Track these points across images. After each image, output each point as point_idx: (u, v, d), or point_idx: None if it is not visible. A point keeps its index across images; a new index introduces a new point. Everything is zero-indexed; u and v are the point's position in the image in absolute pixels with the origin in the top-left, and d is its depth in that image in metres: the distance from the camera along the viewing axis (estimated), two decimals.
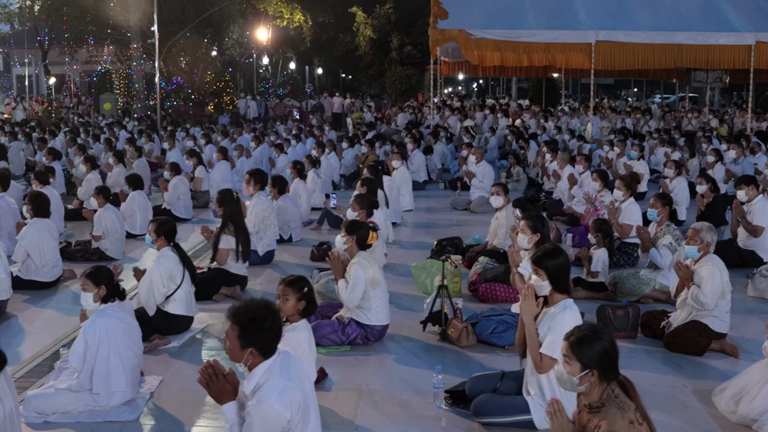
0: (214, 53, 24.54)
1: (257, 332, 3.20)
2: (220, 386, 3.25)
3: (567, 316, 4.26)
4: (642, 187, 11.36)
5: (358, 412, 4.56)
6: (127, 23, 21.11)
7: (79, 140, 14.46)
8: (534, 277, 4.36)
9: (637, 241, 7.79)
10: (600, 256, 6.86)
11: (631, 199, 7.91)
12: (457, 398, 4.67)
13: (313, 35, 28.25)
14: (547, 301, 4.37)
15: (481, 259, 7.09)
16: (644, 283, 6.76)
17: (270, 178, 8.70)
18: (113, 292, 4.62)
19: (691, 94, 33.74)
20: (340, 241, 5.70)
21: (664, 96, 34.01)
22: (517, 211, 6.75)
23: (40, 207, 7.09)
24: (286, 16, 24.01)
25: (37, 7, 22.08)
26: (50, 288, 7.09)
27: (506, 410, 4.38)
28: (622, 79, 27.91)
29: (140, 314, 5.62)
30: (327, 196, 11.24)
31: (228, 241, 6.72)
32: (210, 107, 24.36)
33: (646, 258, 7.31)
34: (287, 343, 3.74)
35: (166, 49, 20.18)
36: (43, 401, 4.47)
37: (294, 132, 16.66)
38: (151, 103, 22.53)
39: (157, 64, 18.21)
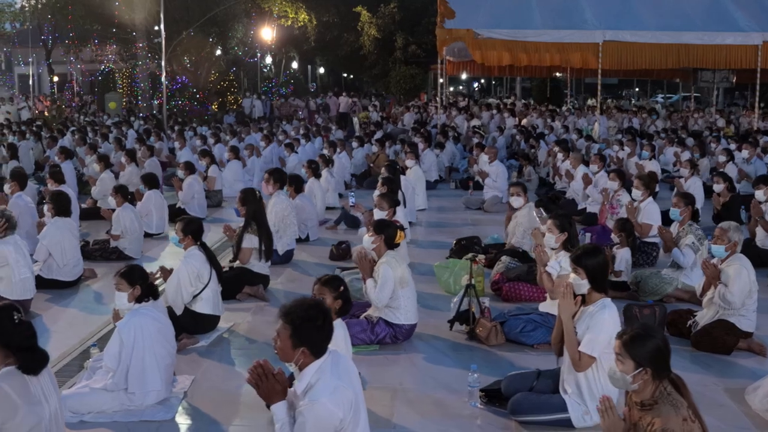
0: (218, 52, 24.50)
1: (310, 331, 3.20)
2: (270, 386, 3.25)
3: (606, 315, 4.27)
4: (654, 187, 11.37)
5: (394, 411, 4.56)
6: (133, 22, 21.06)
7: (88, 139, 14.42)
8: (573, 275, 4.36)
9: (655, 240, 7.82)
10: (623, 256, 6.87)
11: (650, 198, 7.93)
12: (492, 397, 4.68)
13: (318, 34, 28.24)
14: (584, 300, 4.38)
15: (503, 258, 7.09)
16: (667, 283, 6.76)
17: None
18: (147, 292, 4.61)
19: (693, 94, 33.89)
20: (368, 240, 5.69)
21: (666, 96, 34.07)
22: (541, 211, 6.74)
23: (61, 206, 7.08)
24: (290, 16, 24.01)
25: (40, 6, 22.03)
26: (71, 287, 7.06)
27: (543, 409, 4.39)
28: (626, 78, 27.94)
29: (167, 313, 5.64)
30: (339, 195, 11.28)
31: (251, 240, 6.71)
32: (214, 106, 24.33)
33: (667, 257, 7.34)
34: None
35: (171, 49, 20.13)
36: (78, 401, 4.45)
37: (302, 131, 16.66)
38: (155, 102, 22.49)
39: (163, 63, 18.19)
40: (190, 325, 5.67)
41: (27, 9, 20.98)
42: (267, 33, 25.03)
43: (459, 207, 11.38)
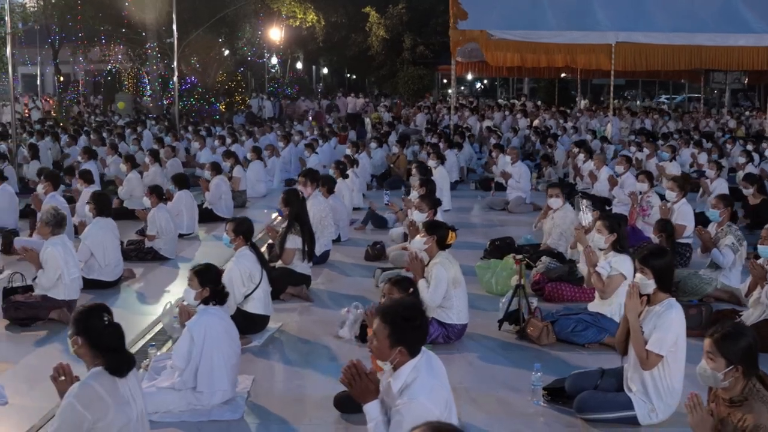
0: (226, 53, 24.49)
1: (408, 331, 3.23)
2: (363, 385, 3.28)
3: (674, 314, 4.32)
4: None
5: (460, 409, 4.56)
6: (143, 23, 21.03)
7: (106, 140, 14.41)
8: (639, 275, 4.41)
9: (689, 241, 7.88)
10: None
11: (684, 199, 7.98)
12: (554, 395, 4.72)
13: (325, 35, 28.26)
14: (649, 300, 4.42)
15: (543, 258, 7.13)
16: (706, 283, 6.81)
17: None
18: (215, 296, 4.61)
19: (701, 96, 34.04)
20: (419, 241, 5.72)
21: (671, 96, 34.21)
22: (589, 203, 6.76)
23: (102, 206, 7.08)
24: (299, 16, 24.02)
25: (51, 5, 21.93)
26: (112, 288, 7.06)
27: (610, 406, 4.43)
28: (634, 79, 28.08)
29: None
30: (363, 196, 11.30)
31: (294, 241, 6.73)
32: (222, 107, 24.32)
33: (703, 258, 7.40)
34: None
35: (181, 49, 20.10)
36: (146, 401, 4.46)
37: (317, 132, 16.68)
38: (164, 102, 22.48)
39: (175, 64, 18.17)
40: (242, 325, 5.63)
41: (35, 8, 20.90)
42: (275, 33, 25.04)
43: (481, 208, 11.42)
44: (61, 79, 29.56)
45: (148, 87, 27.77)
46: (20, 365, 5.28)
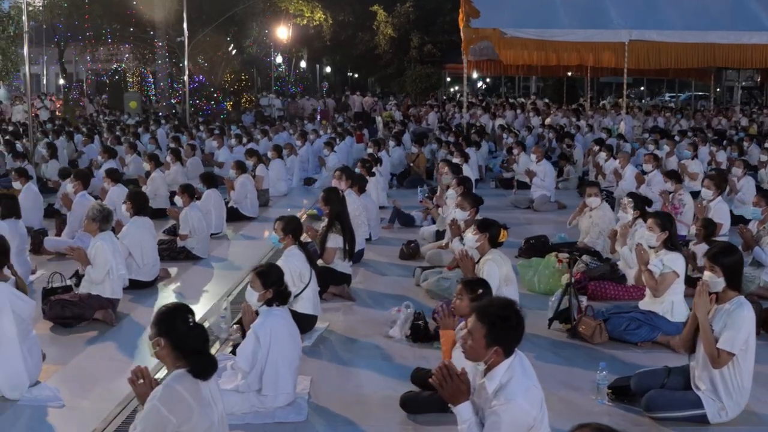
0: (233, 51, 24.40)
1: (505, 331, 3.20)
2: (455, 386, 3.24)
3: (745, 312, 4.29)
4: (696, 186, 11.41)
5: None
6: (152, 22, 20.92)
7: (123, 139, 14.33)
8: (708, 273, 4.38)
9: (725, 239, 7.85)
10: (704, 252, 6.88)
11: (720, 198, 7.95)
12: (619, 393, 4.69)
13: (332, 34, 28.18)
14: (718, 298, 4.39)
15: (584, 257, 7.09)
16: (749, 281, 6.77)
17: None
18: (278, 296, 4.55)
19: (702, 93, 34.05)
20: (471, 239, 5.68)
21: (675, 94, 34.26)
22: (627, 209, 6.72)
23: (140, 205, 7.01)
24: (306, 15, 23.94)
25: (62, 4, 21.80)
26: (149, 287, 6.99)
27: (679, 405, 4.40)
28: (639, 78, 28.09)
29: None
30: (391, 193, 11.24)
31: (335, 240, 6.66)
32: (229, 105, 24.23)
33: (746, 256, 7.37)
34: None
35: (190, 48, 20.02)
36: None
37: (330, 130, 16.61)
38: (173, 101, 22.40)
39: (186, 63, 18.07)
40: None
41: (40, 7, 20.78)
42: (282, 32, 24.94)
43: (506, 206, 11.36)
44: (62, 80, 29.48)
45: (153, 86, 27.71)
46: (70, 367, 5.20)
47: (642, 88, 39.43)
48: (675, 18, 17.38)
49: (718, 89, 26.56)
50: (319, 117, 22.48)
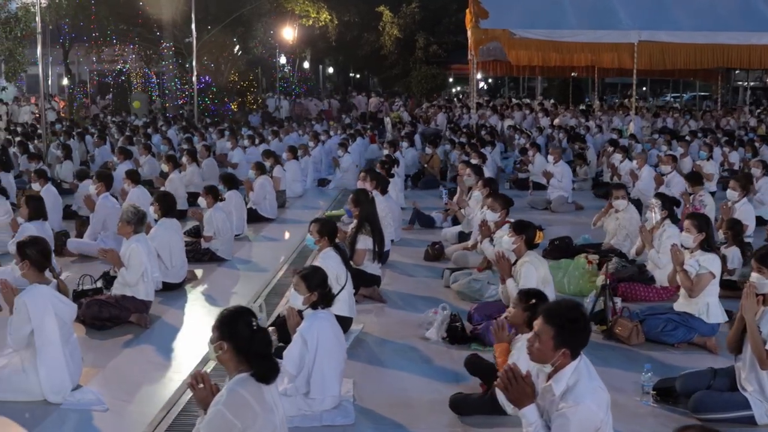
0: (238, 52, 24.37)
1: (574, 333, 3.20)
2: (520, 389, 3.23)
3: None
4: (712, 187, 11.44)
5: None
6: (159, 22, 20.88)
7: (135, 140, 14.29)
8: (755, 275, 4.39)
9: (750, 240, 7.86)
10: (735, 254, 6.90)
11: (745, 199, 7.97)
12: (663, 395, 4.69)
13: (338, 34, 28.17)
14: (765, 300, 4.39)
15: (614, 259, 7.09)
16: None
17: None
18: (323, 299, 4.53)
19: (705, 93, 34.10)
20: (508, 241, 5.67)
21: (677, 95, 34.33)
22: (656, 210, 6.72)
23: (168, 206, 6.98)
24: (312, 15, 23.92)
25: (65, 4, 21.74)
26: (177, 290, 6.95)
27: (726, 406, 4.40)
28: (642, 78, 28.14)
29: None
30: (406, 194, 11.22)
31: (365, 242, 6.64)
32: (234, 106, 24.20)
33: None
34: (521, 351, 3.79)
35: (197, 48, 19.99)
36: None
37: (339, 131, 16.60)
38: (179, 102, 22.37)
39: (194, 63, 18.03)
40: None
41: (53, 7, 20.71)
42: (288, 33, 24.91)
43: (523, 207, 11.32)
44: (65, 81, 29.38)
45: (156, 87, 27.64)
46: (108, 370, 5.17)
47: (644, 88, 39.52)
48: (684, 18, 17.41)
49: (721, 90, 26.63)
50: (324, 116, 22.47)
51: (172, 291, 6.87)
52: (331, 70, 39.34)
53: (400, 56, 30.83)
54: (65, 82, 31.78)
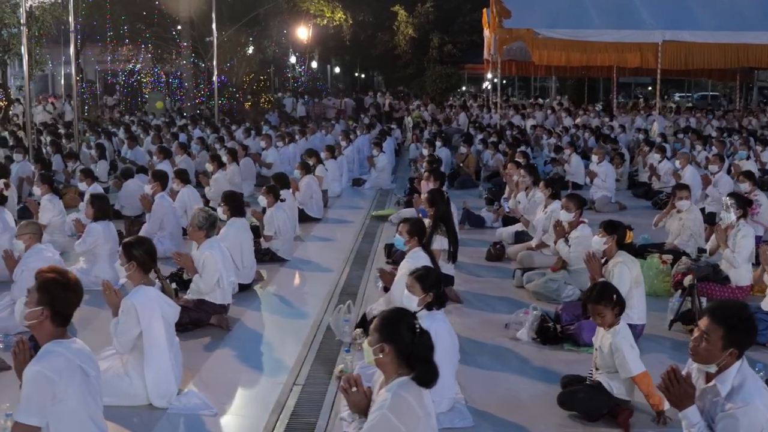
0: (250, 50, 24.24)
1: (743, 333, 3.14)
2: (682, 390, 3.18)
3: None
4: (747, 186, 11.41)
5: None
6: (177, 22, 20.74)
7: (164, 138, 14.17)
8: None
9: None
10: None
11: None
12: None
13: (352, 34, 28.09)
14: None
15: (683, 259, 7.06)
16: None
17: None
18: (437, 300, 4.47)
19: (714, 93, 34.23)
20: (599, 241, 5.63)
21: (685, 95, 34.44)
22: (731, 209, 6.68)
23: (236, 206, 6.90)
24: (327, 15, 23.84)
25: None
26: (247, 290, 6.86)
27: None
28: (663, 78, 28.25)
29: None
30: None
31: (441, 242, 6.55)
32: (247, 105, 24.08)
33: None
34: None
35: (214, 48, 19.87)
36: None
37: (360, 131, 16.52)
38: (195, 102, 22.24)
39: (215, 62, 17.91)
40: None
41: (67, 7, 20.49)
42: (302, 32, 24.81)
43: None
44: (76, 81, 29.07)
45: (165, 86, 27.47)
46: (203, 373, 5.08)
47: (649, 88, 39.62)
48: (706, 18, 17.46)
49: (742, 90, 26.65)
50: (342, 117, 22.40)
51: (243, 292, 6.76)
52: (337, 69, 39.26)
53: (414, 56, 30.80)
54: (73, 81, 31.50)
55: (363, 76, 42.68)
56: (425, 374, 3.22)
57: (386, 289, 6.77)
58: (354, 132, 15.87)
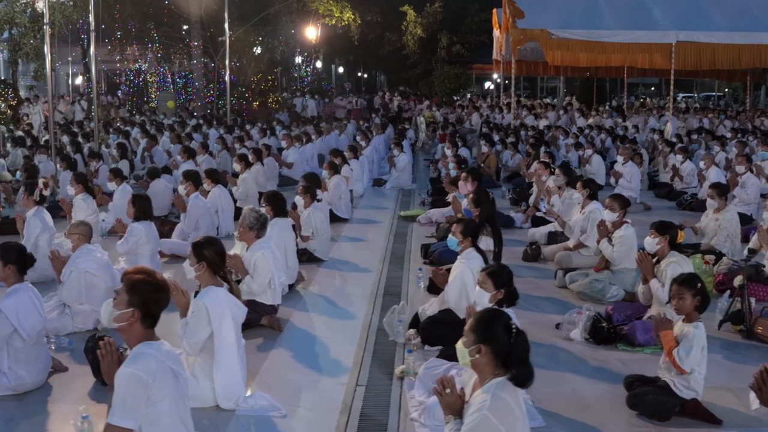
0: (258, 51, 24.21)
1: None
2: None
3: None
4: None
5: (729, 408, 4.53)
6: (188, 21, 20.67)
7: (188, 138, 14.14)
8: None
9: None
10: None
11: None
12: None
13: (360, 34, 28.09)
14: None
15: (724, 259, 7.09)
16: None
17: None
18: (509, 297, 4.48)
19: (716, 93, 34.34)
20: (651, 242, 5.65)
21: (687, 95, 34.55)
22: None
23: (278, 206, 6.89)
24: (336, 15, 23.83)
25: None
26: (291, 290, 6.85)
27: None
28: (661, 78, 28.34)
29: (450, 318, 5.53)
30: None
31: (486, 243, 6.57)
32: (255, 105, 24.03)
33: None
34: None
35: (224, 48, 19.84)
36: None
37: (376, 131, 16.52)
38: (205, 101, 22.19)
39: (227, 62, 17.87)
40: None
41: (79, 7, 20.42)
42: (311, 32, 24.78)
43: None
44: (78, 80, 29.03)
45: (171, 86, 27.39)
46: (263, 373, 5.07)
47: (652, 88, 39.82)
48: (719, 19, 17.49)
49: (732, 90, 26.82)
50: (352, 115, 22.39)
51: (287, 292, 6.76)
52: (341, 69, 39.27)
53: (422, 56, 30.82)
54: (78, 81, 31.48)
55: (366, 75, 42.70)
56: (523, 375, 3.23)
57: (429, 290, 6.82)
58: (370, 132, 15.86)
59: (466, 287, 5.53)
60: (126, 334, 3.36)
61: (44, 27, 12.39)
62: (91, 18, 13.48)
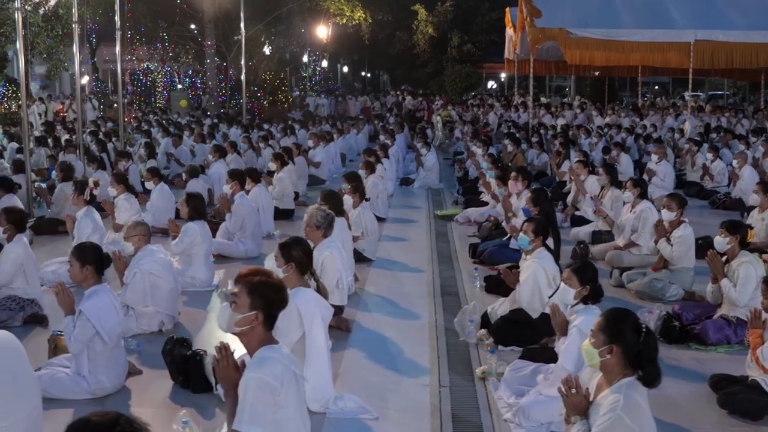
0: (268, 50, 24.17)
1: None
2: None
3: None
4: None
5: None
6: (202, 20, 20.60)
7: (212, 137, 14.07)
8: None
9: None
10: None
11: None
12: None
13: (370, 33, 28.07)
14: None
15: (765, 257, 7.09)
16: None
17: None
18: (594, 294, 4.47)
19: (722, 92, 34.43)
20: (722, 241, 5.65)
21: (694, 94, 34.56)
22: None
23: (337, 205, 6.82)
24: (347, 14, 23.79)
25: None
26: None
27: None
28: (677, 77, 28.40)
29: (523, 317, 5.52)
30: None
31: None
32: (265, 104, 23.98)
33: None
34: None
35: (237, 47, 19.80)
36: (536, 409, 4.30)
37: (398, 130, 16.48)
38: (219, 100, 22.13)
39: (243, 61, 17.81)
40: (546, 329, 5.52)
41: (88, 7, 20.32)
42: (322, 31, 24.74)
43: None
44: (84, 80, 28.82)
45: (179, 86, 27.32)
46: (342, 374, 5.01)
47: (656, 87, 39.87)
48: (737, 17, 17.53)
49: (738, 89, 26.73)
50: (365, 117, 22.36)
51: None
52: (345, 69, 39.21)
53: (433, 55, 30.83)
54: (84, 81, 31.25)
55: (369, 75, 42.64)
56: (651, 374, 3.22)
57: (488, 289, 6.80)
58: (392, 132, 15.84)
59: (539, 286, 5.52)
60: (247, 338, 3.27)
61: (73, 25, 12.28)
62: (117, 17, 13.38)
